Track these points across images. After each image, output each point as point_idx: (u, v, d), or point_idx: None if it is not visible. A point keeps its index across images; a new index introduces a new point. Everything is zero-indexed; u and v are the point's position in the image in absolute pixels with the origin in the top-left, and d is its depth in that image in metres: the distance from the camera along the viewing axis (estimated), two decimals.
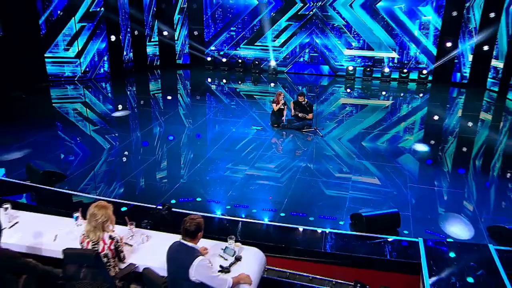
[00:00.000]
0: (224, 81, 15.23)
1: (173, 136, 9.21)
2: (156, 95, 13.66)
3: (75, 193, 6.67)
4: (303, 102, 9.82)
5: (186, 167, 7.80)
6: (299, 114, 9.82)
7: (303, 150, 8.78)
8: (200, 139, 9.25)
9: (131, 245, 4.26)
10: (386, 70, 15.15)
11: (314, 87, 11.89)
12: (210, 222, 5.76)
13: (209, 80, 15.35)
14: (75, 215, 4.48)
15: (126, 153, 8.49)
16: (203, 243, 4.08)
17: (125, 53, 15.35)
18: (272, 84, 14.86)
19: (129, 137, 9.48)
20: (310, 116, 9.85)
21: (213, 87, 14.59)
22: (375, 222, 5.58)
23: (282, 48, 16.25)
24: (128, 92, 13.96)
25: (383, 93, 14.07)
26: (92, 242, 3.88)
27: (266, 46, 16.24)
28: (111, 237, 3.91)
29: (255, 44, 16.40)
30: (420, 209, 6.41)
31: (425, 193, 6.95)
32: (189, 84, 15.39)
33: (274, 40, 16.20)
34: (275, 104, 9.89)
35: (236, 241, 4.18)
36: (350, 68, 15.38)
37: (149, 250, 4.18)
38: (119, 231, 4.26)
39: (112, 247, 3.91)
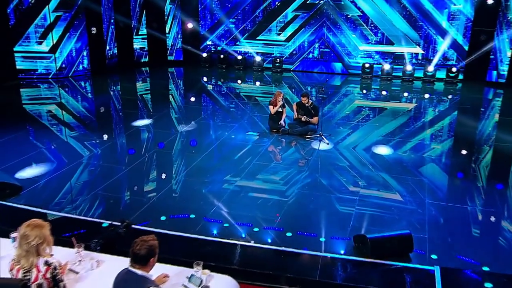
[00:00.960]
0: (222, 80, 15.44)
1: (162, 144, 9.25)
2: (144, 96, 13.74)
3: (24, 207, 6.48)
4: (307, 104, 9.77)
5: (177, 178, 7.82)
6: (302, 118, 9.76)
7: (306, 160, 8.77)
8: (192, 146, 9.32)
9: (77, 272, 4.07)
10: (409, 67, 15.11)
11: (321, 85, 12.00)
12: (191, 244, 5.63)
13: (205, 79, 15.56)
14: (13, 235, 4.21)
15: (103, 162, 8.47)
16: (165, 269, 3.98)
17: (108, 47, 15.41)
18: (276, 84, 15.08)
19: (112, 143, 9.48)
20: (314, 120, 9.79)
21: (210, 87, 14.76)
22: (382, 246, 5.38)
23: (288, 42, 16.30)
24: (112, 92, 14.06)
25: (405, 94, 14.13)
26: (24, 270, 3.63)
27: (270, 40, 16.42)
28: (47, 263, 3.67)
29: (258, 38, 16.52)
30: (441, 230, 6.24)
31: (450, 212, 6.78)
32: (182, 83, 15.55)
33: (279, 34, 16.29)
34: (272, 106, 9.89)
35: (204, 268, 4.04)
36: (367, 65, 15.36)
37: (99, 278, 3.99)
38: (64, 255, 4.09)
39: (48, 275, 3.66)
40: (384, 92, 14.15)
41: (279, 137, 9.82)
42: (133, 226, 5.09)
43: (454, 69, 14.76)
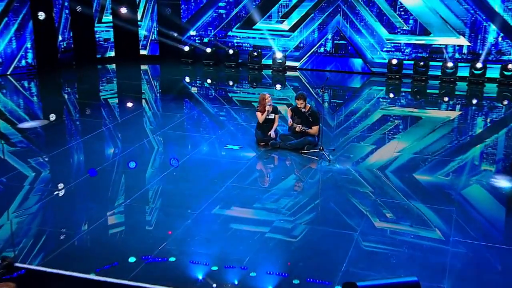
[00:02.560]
0: (209, 81, 15.71)
1: (135, 163, 9.50)
2: (108, 100, 13.77)
3: None
4: (304, 110, 9.81)
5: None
6: (296, 128, 9.79)
7: (303, 183, 8.94)
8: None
9: None
10: (450, 64, 14.99)
11: (322, 85, 12.12)
12: None
13: (187, 79, 15.75)
14: None
15: (54, 186, 8.57)
16: None
17: (60, 38, 15.40)
18: (279, 86, 15.19)
19: (62, 159, 9.69)
20: (313, 130, 9.86)
21: (194, 90, 14.96)
22: None
23: (293, 33, 16.20)
24: (66, 96, 14.08)
25: (445, 99, 14.14)
26: None
27: (270, 30, 16.38)
28: None
29: (254, 27, 16.43)
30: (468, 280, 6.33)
31: (485, 254, 6.76)
32: (158, 84, 15.73)
33: (282, 22, 16.16)
34: (260, 113, 10.04)
35: None
36: (394, 62, 15.23)
37: None
38: None
39: None
40: (417, 97, 14.18)
41: (267, 152, 9.95)
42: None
43: (510, 66, 14.66)
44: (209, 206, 7.70)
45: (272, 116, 9.96)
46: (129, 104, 13.18)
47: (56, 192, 8.19)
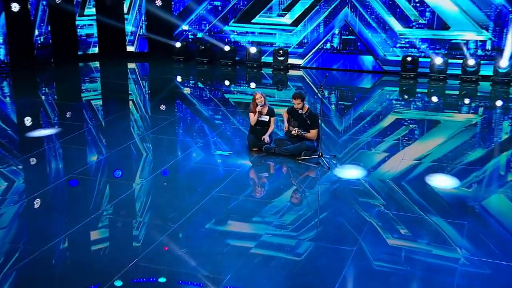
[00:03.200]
0: (203, 80, 15.78)
1: (121, 172, 9.47)
2: (92, 102, 13.82)
3: None
4: (301, 111, 9.81)
5: (122, 219, 7.99)
6: (293, 131, 9.80)
7: (301, 193, 8.93)
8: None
9: None
10: (471, 62, 14.94)
11: (319, 85, 11.92)
12: None
13: (179, 79, 15.82)
14: None
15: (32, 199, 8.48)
16: None
17: (37, 32, 15.45)
18: (279, 87, 15.32)
19: (42, 169, 9.64)
20: (312, 134, 9.86)
21: (186, 91, 14.99)
22: None
23: (296, 27, 16.19)
24: (44, 97, 14.03)
25: (466, 101, 14.11)
26: None
27: (270, 24, 16.50)
28: None
29: (252, 21, 16.55)
30: None
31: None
32: (147, 85, 15.74)
33: (283, 15, 16.25)
34: (252, 114, 10.15)
35: None
36: (409, 59, 15.27)
37: None
38: None
39: None
40: (435, 98, 14.14)
41: (260, 159, 9.94)
42: None
43: None
44: (190, 218, 7.67)
45: (266, 118, 10.01)
46: (162, 107, 13.25)
47: (21, 202, 8.17)
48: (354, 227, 7.64)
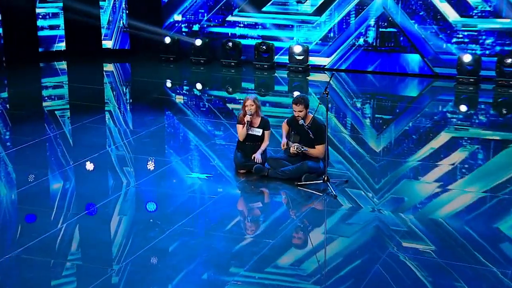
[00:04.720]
0: (199, 86, 15.80)
1: (94, 207, 9.34)
2: (56, 113, 13.76)
3: None
4: (303, 123, 9.76)
5: (53, 260, 7.72)
6: (291, 149, 9.69)
7: (304, 232, 8.79)
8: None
9: None
10: None
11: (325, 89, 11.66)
12: None
13: (169, 83, 15.87)
14: None
15: None
16: None
17: None
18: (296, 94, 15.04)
19: None
20: (316, 150, 9.75)
21: (179, 100, 15.05)
22: None
23: (319, 17, 16.09)
24: None
25: None
26: None
27: (286, 14, 16.40)
28: None
29: (262, 10, 16.59)
30: None
31: None
32: (128, 90, 15.86)
33: (303, 2, 16.26)
34: (240, 126, 10.15)
35: None
36: (467, 58, 14.50)
37: None
38: None
39: None
40: (504, 110, 13.93)
41: (248, 183, 9.91)
42: None
43: None
44: (139, 259, 7.48)
45: (259, 132, 9.86)
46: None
47: None
48: (400, 279, 7.19)
